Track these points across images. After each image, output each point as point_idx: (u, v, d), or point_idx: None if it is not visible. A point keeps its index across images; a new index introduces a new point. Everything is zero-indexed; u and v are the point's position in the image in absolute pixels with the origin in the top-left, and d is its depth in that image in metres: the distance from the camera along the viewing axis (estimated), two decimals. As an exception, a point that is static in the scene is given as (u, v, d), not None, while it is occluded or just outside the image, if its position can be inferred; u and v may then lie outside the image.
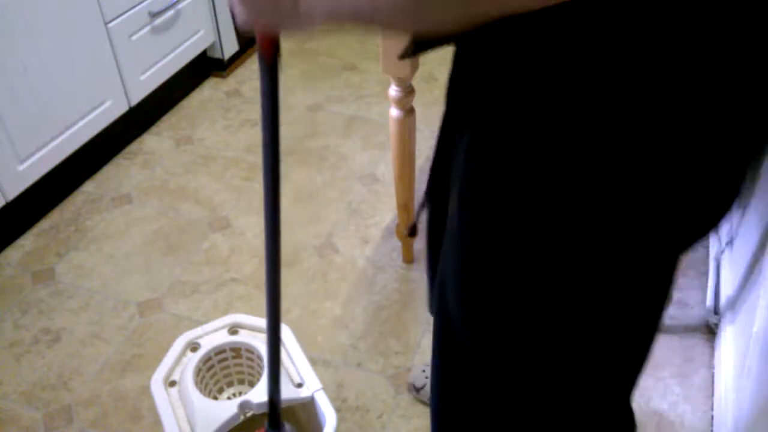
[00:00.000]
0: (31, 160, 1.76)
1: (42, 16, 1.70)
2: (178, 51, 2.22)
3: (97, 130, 1.96)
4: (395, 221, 1.84)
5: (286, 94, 2.42)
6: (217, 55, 2.45)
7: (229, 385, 1.24)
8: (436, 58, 2.54)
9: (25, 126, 1.72)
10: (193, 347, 1.16)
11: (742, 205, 1.62)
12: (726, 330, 1.45)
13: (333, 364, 1.49)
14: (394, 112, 1.40)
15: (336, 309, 1.62)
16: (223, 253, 1.77)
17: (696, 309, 1.59)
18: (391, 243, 1.79)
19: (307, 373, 1.10)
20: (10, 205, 1.76)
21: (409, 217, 1.60)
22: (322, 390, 1.08)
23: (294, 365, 1.12)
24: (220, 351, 1.17)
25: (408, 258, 1.73)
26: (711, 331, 1.53)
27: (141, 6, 2.00)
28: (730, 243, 1.63)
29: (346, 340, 1.55)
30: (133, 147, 2.17)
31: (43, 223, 1.88)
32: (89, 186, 2.01)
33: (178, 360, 1.14)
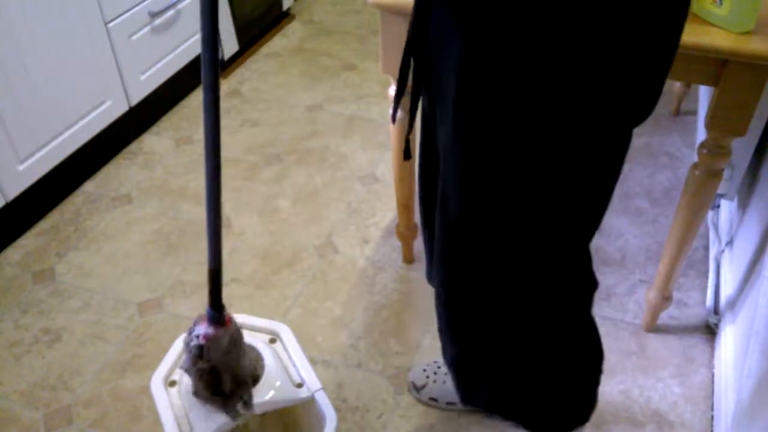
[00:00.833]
0: (31, 160, 1.76)
1: (42, 16, 1.70)
2: (178, 51, 2.22)
3: (97, 130, 1.96)
4: (395, 221, 1.84)
5: (286, 94, 2.43)
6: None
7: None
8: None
9: (25, 126, 1.72)
10: (193, 347, 1.15)
11: (742, 205, 1.62)
12: (726, 330, 1.45)
13: (333, 364, 1.50)
14: (394, 112, 1.40)
15: (336, 309, 1.62)
16: (222, 253, 1.77)
17: (696, 309, 1.59)
18: (391, 243, 1.79)
19: (308, 373, 1.10)
20: (10, 205, 1.76)
21: (409, 217, 1.60)
22: (322, 390, 1.08)
23: (294, 365, 1.12)
24: (220, 351, 1.16)
25: (408, 258, 1.73)
26: (711, 331, 1.53)
27: (141, 6, 2.01)
28: (730, 243, 1.63)
29: (346, 340, 1.55)
30: (133, 147, 2.17)
31: (43, 223, 1.88)
32: (89, 186, 2.01)
33: (178, 360, 1.13)
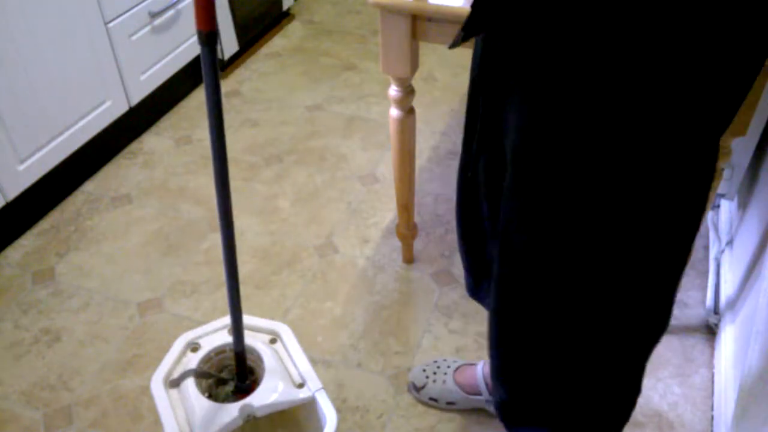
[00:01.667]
0: (31, 160, 1.76)
1: (42, 16, 1.70)
2: (178, 51, 2.22)
3: (97, 130, 1.96)
4: (395, 221, 1.84)
5: (286, 94, 2.42)
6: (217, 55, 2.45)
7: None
8: (436, 58, 2.54)
9: (25, 126, 1.72)
10: (193, 347, 1.15)
11: (742, 205, 1.62)
12: (726, 330, 1.45)
13: (333, 364, 1.50)
14: (394, 112, 1.40)
15: (336, 309, 1.62)
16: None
17: (696, 309, 1.59)
18: (391, 243, 1.79)
19: (308, 373, 1.10)
20: (10, 205, 1.76)
21: (409, 217, 1.60)
22: (322, 390, 1.08)
23: (294, 365, 1.12)
24: (220, 351, 1.16)
25: (408, 258, 1.73)
26: (711, 331, 1.53)
27: (141, 6, 2.00)
28: (730, 243, 1.63)
29: (346, 340, 1.55)
30: (133, 147, 2.17)
31: (43, 223, 1.88)
32: (89, 186, 2.01)
33: (178, 360, 1.13)
